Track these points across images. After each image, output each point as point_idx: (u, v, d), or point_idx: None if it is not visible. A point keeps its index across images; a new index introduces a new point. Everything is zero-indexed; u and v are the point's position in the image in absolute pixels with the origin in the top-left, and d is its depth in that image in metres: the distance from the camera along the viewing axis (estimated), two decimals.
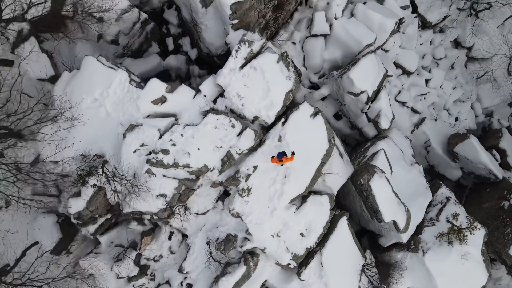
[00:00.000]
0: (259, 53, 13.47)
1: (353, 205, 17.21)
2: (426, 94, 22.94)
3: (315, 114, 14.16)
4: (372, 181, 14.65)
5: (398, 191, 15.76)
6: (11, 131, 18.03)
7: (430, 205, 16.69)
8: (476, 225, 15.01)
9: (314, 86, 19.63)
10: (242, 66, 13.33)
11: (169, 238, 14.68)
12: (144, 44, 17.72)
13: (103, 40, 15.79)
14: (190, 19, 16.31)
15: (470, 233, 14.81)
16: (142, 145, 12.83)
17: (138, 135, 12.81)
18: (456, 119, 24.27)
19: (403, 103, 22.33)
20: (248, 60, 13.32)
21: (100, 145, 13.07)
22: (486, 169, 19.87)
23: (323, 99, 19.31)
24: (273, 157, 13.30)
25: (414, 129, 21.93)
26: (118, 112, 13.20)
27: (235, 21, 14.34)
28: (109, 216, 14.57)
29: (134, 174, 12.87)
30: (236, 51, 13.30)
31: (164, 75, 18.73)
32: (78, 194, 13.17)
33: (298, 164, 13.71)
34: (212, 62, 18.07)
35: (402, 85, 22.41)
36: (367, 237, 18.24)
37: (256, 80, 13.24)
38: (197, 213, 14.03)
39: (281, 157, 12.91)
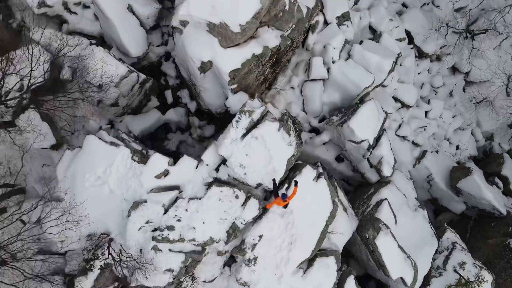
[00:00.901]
0: (259, 121, 13.48)
1: (359, 253, 17.24)
2: (426, 126, 22.94)
3: (318, 176, 14.20)
4: (377, 239, 14.70)
5: (404, 241, 15.80)
6: (14, 188, 18.18)
7: (436, 251, 16.71)
8: (483, 278, 15.04)
9: (315, 130, 19.70)
10: (244, 136, 13.35)
11: None
12: (143, 100, 17.74)
13: (103, 104, 15.80)
14: (188, 79, 16.34)
15: (478, 286, 14.85)
16: (147, 222, 12.85)
17: (142, 212, 12.83)
18: (457, 147, 24.28)
19: (404, 137, 22.34)
20: (249, 129, 13.34)
21: (105, 223, 13.10)
22: (490, 205, 19.88)
23: (324, 143, 19.36)
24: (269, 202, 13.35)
25: (416, 164, 21.91)
26: (122, 188, 13.22)
27: (234, 86, 14.37)
28: (116, 284, 14.56)
29: (141, 250, 12.91)
30: (237, 121, 13.32)
31: (165, 128, 18.85)
32: (84, 272, 13.17)
33: (303, 228, 13.79)
34: (212, 114, 18.11)
35: (402, 118, 22.42)
36: (375, 282, 18.28)
37: (258, 149, 13.25)
38: (205, 281, 14.06)
39: (285, 197, 12.93)
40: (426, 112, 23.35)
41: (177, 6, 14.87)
